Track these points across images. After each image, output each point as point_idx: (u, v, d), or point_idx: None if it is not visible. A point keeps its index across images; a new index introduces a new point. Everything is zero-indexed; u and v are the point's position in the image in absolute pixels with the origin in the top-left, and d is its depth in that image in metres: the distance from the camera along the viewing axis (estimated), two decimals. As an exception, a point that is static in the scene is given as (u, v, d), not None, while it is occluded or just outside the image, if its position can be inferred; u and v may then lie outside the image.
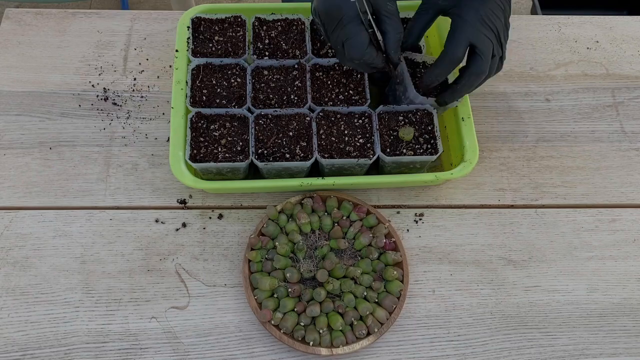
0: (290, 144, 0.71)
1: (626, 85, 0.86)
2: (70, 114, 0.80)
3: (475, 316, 0.69)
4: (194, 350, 0.66)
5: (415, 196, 0.76)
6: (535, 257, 0.73)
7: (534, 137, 0.81)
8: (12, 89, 0.81)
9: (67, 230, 0.72)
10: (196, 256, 0.71)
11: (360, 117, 0.74)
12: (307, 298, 0.66)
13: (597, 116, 0.83)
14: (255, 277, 0.67)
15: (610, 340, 0.69)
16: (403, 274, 0.68)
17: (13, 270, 0.70)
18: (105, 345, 0.66)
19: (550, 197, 0.77)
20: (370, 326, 0.65)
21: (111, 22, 0.88)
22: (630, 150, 0.81)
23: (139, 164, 0.77)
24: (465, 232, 0.74)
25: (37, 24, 0.87)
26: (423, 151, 0.72)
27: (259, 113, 0.72)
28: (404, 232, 0.74)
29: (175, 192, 0.75)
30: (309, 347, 0.64)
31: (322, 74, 0.77)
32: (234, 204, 0.75)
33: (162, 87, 0.82)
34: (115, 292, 0.69)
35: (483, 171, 0.78)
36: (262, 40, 0.78)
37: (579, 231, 0.75)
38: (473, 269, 0.72)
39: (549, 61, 0.87)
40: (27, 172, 0.75)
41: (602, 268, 0.73)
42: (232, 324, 0.68)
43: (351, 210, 0.72)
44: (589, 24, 0.92)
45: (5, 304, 0.68)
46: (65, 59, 0.84)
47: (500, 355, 0.67)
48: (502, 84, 0.85)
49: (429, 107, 0.74)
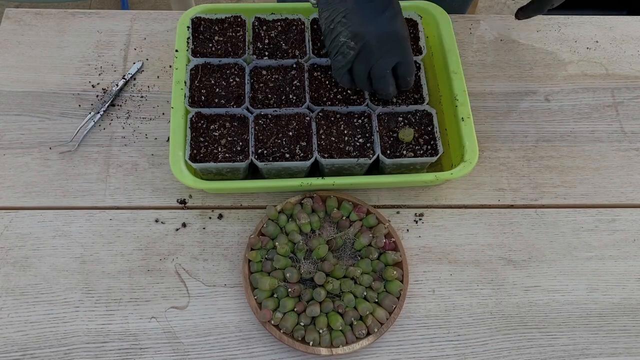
0: (290, 144, 0.71)
1: (626, 85, 0.86)
2: (70, 114, 0.80)
3: (475, 316, 0.69)
4: (194, 350, 0.66)
5: (415, 196, 0.76)
6: (535, 257, 0.73)
7: (534, 137, 0.81)
8: (12, 89, 0.81)
9: (67, 230, 0.72)
10: (196, 256, 0.71)
11: (360, 117, 0.74)
12: (307, 298, 0.66)
13: (597, 116, 0.83)
14: (255, 277, 0.67)
15: (610, 340, 0.69)
16: (403, 274, 0.68)
17: (13, 270, 0.70)
18: (105, 345, 0.66)
19: (550, 197, 0.77)
20: (370, 326, 0.65)
21: (111, 22, 0.88)
22: (630, 150, 0.81)
23: (138, 164, 0.77)
24: (465, 232, 0.74)
25: (37, 24, 0.87)
26: (423, 152, 0.72)
27: (258, 113, 0.72)
28: (403, 232, 0.74)
29: (175, 192, 0.75)
30: (309, 347, 0.64)
31: (320, 73, 0.77)
32: (233, 204, 0.75)
33: (162, 87, 0.82)
34: (115, 292, 0.69)
35: (483, 171, 0.78)
36: (262, 40, 0.78)
37: (578, 231, 0.75)
38: (473, 269, 0.72)
39: (549, 61, 0.87)
40: (26, 172, 0.75)
41: (602, 268, 0.73)
42: (232, 324, 0.68)
43: (351, 210, 0.72)
44: (589, 24, 0.92)
45: (5, 304, 0.68)
46: (65, 59, 0.84)
47: (500, 355, 0.67)
48: (502, 84, 0.85)
49: (428, 108, 0.74)
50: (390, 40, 0.66)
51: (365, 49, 0.66)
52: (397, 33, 0.67)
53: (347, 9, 0.66)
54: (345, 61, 0.68)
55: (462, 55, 0.87)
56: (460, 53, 0.86)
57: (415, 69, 0.71)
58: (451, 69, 0.78)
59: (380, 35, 0.66)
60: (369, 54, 0.67)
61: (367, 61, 0.67)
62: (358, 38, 0.66)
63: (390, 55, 0.67)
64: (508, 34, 0.90)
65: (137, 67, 0.83)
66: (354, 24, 0.66)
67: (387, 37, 0.66)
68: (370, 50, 0.66)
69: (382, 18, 0.66)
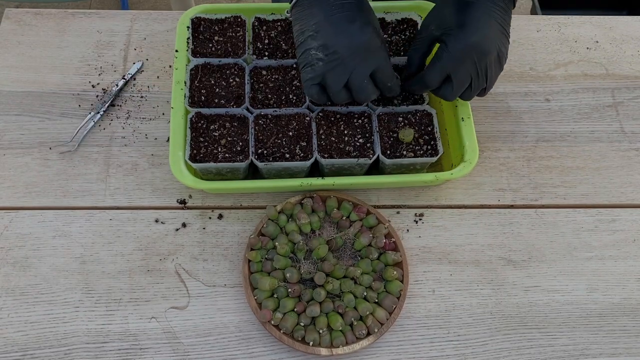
0: (290, 144, 0.71)
1: (626, 85, 0.86)
2: (70, 114, 0.80)
3: (475, 316, 0.69)
4: (194, 350, 0.66)
5: (415, 196, 0.76)
6: (535, 257, 0.73)
7: (533, 137, 0.81)
8: (12, 89, 0.81)
9: (67, 231, 0.72)
10: (196, 256, 0.71)
11: (360, 117, 0.74)
12: (307, 298, 0.66)
13: (597, 116, 0.83)
14: (255, 277, 0.67)
15: (610, 340, 0.69)
16: (403, 274, 0.68)
17: (13, 270, 0.70)
18: (105, 346, 0.66)
19: (550, 197, 0.77)
20: (370, 326, 0.65)
21: (111, 22, 0.88)
22: (630, 150, 0.81)
23: (138, 164, 0.77)
24: (465, 232, 0.74)
25: (37, 24, 0.87)
26: (423, 152, 0.72)
27: (258, 113, 0.72)
28: (403, 232, 0.74)
29: (175, 192, 0.75)
30: (309, 347, 0.64)
31: (322, 74, 0.77)
32: (233, 204, 0.75)
33: (162, 87, 0.82)
34: (115, 292, 0.69)
35: (483, 171, 0.78)
36: (262, 40, 0.78)
37: (578, 231, 0.75)
38: (473, 269, 0.72)
39: (548, 61, 0.87)
40: (26, 172, 0.75)
41: (602, 268, 0.73)
42: (232, 324, 0.68)
43: (351, 210, 0.72)
44: (589, 24, 0.92)
45: (5, 304, 0.68)
46: (65, 59, 0.84)
47: (500, 355, 0.67)
48: (502, 84, 0.85)
49: (428, 108, 0.74)
50: (362, 49, 0.64)
51: (338, 60, 0.64)
52: (369, 42, 0.64)
53: (318, 22, 0.65)
54: (313, 74, 0.66)
55: (462, 55, 0.87)
56: (460, 53, 0.86)
57: (393, 74, 0.68)
58: (451, 69, 0.77)
59: (352, 46, 0.64)
60: (343, 66, 0.64)
61: (341, 73, 0.65)
62: (329, 50, 0.64)
63: (365, 64, 0.65)
64: (508, 34, 0.90)
65: (137, 67, 0.83)
66: (325, 36, 0.64)
67: (359, 47, 0.64)
68: (343, 61, 0.64)
69: (352, 28, 0.64)
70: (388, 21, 0.81)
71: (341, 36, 0.64)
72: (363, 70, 0.65)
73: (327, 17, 0.64)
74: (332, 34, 0.64)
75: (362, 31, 0.64)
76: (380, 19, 0.81)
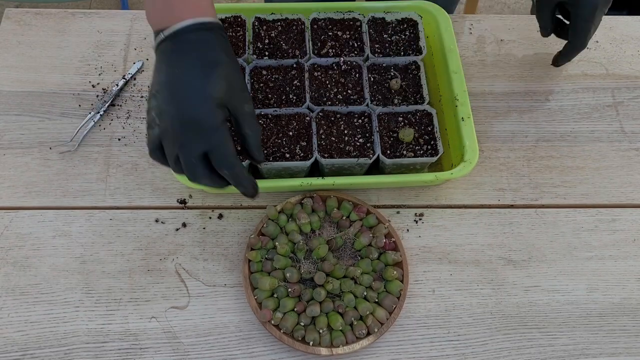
0: (290, 144, 0.71)
1: (626, 85, 0.86)
2: (70, 114, 0.80)
3: (475, 316, 0.69)
4: (194, 350, 0.66)
5: (415, 196, 0.76)
6: (535, 257, 0.73)
7: (533, 137, 0.81)
8: (12, 89, 0.81)
9: (67, 230, 0.72)
10: (196, 256, 0.71)
11: (360, 117, 0.74)
12: (307, 298, 0.66)
13: (597, 116, 0.83)
14: (255, 277, 0.67)
15: (610, 340, 0.69)
16: (403, 274, 0.68)
17: (13, 270, 0.70)
18: (105, 345, 0.66)
19: (550, 197, 0.77)
20: (370, 326, 0.65)
21: (111, 22, 0.88)
22: (630, 150, 0.81)
23: (138, 164, 0.77)
24: (465, 232, 0.74)
25: (37, 24, 0.87)
26: (423, 152, 0.72)
27: (258, 113, 0.72)
28: (403, 232, 0.74)
29: (175, 192, 0.75)
30: (309, 347, 0.64)
31: (321, 73, 0.77)
32: (234, 204, 0.75)
33: (162, 87, 0.82)
34: (115, 292, 0.69)
35: (483, 171, 0.78)
36: (262, 40, 0.78)
37: (578, 231, 0.75)
38: (473, 268, 0.72)
39: (548, 61, 0.87)
40: (26, 172, 0.75)
41: (602, 268, 0.73)
42: (232, 323, 0.68)
43: (351, 210, 0.72)
44: (589, 24, 0.92)
45: (5, 304, 0.68)
46: (65, 59, 0.84)
47: (500, 355, 0.67)
48: (502, 84, 0.85)
49: (428, 108, 0.74)
50: (193, 126, 0.55)
51: (168, 131, 0.55)
52: (203, 119, 0.55)
53: (160, 81, 0.57)
54: (153, 137, 0.57)
55: (462, 55, 0.87)
56: (460, 53, 0.86)
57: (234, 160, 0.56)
58: (451, 69, 0.78)
59: (183, 119, 0.55)
60: (173, 138, 0.55)
61: (171, 145, 0.56)
62: (162, 117, 0.56)
63: (195, 142, 0.55)
64: (508, 33, 0.90)
65: (137, 67, 0.83)
66: (161, 100, 0.56)
67: (190, 121, 0.55)
68: (173, 133, 0.55)
69: (189, 95, 0.55)
70: (388, 21, 0.81)
71: (172, 106, 0.55)
72: (193, 147, 0.55)
73: (170, 75, 0.56)
74: (168, 100, 0.56)
75: (200, 102, 0.55)
76: (380, 19, 0.81)
